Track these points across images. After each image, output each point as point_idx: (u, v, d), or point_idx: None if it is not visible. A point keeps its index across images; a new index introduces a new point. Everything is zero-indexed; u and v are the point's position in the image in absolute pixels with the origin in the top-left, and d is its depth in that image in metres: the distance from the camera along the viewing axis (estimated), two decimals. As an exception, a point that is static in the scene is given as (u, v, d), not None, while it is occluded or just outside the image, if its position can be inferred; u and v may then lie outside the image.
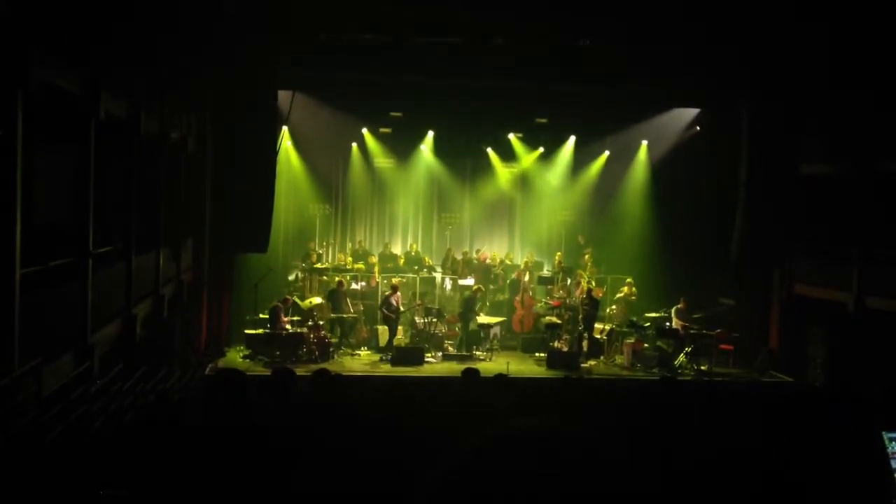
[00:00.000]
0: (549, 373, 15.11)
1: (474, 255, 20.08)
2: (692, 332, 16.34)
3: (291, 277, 18.99)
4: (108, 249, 10.41)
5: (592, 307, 16.66)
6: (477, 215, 21.73)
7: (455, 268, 19.38)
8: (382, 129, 20.31)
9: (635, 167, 21.06)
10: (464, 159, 21.31)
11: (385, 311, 16.42)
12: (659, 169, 20.45)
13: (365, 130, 20.39)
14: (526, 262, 19.50)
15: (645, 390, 12.19)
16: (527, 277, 18.62)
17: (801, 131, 16.91)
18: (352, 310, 16.91)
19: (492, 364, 15.40)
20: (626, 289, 18.49)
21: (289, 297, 16.69)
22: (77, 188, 9.39)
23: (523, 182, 21.69)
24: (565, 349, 16.52)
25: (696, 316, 16.85)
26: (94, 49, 9.20)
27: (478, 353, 16.70)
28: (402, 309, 16.78)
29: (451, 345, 17.00)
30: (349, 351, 16.63)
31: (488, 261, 19.93)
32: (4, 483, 5.42)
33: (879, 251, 14.79)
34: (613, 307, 18.82)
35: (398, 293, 16.84)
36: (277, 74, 16.17)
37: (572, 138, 20.91)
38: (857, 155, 15.38)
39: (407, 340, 16.69)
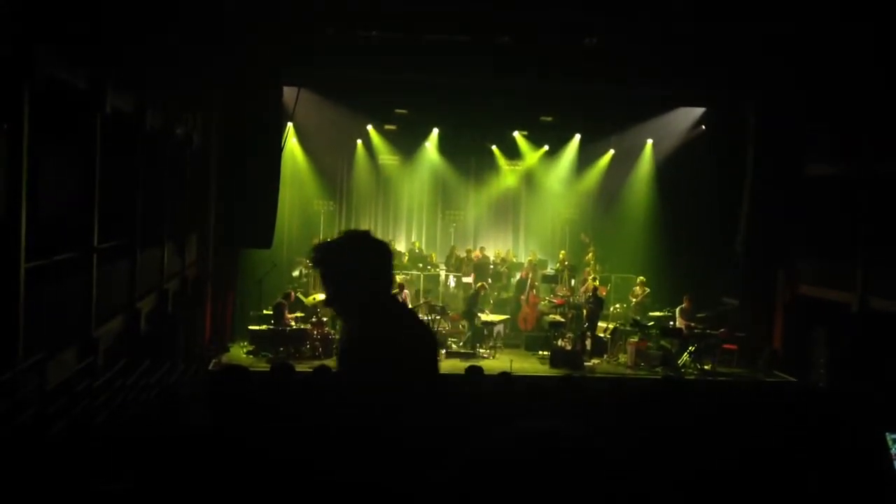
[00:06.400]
0: (552, 371, 15.10)
1: (475, 253, 20.09)
2: (696, 331, 16.32)
3: (296, 273, 19.01)
4: (112, 244, 10.41)
5: (597, 305, 16.66)
6: (481, 213, 21.75)
7: (459, 265, 19.39)
8: (387, 126, 20.35)
9: (640, 166, 21.04)
10: (468, 157, 21.32)
11: None
12: (663, 168, 20.42)
13: (370, 127, 20.42)
14: (530, 261, 19.49)
15: (648, 389, 12.18)
16: (531, 275, 18.61)
17: (807, 132, 16.85)
18: None
19: (495, 362, 15.40)
20: (638, 289, 18.44)
21: (292, 291, 16.71)
22: (82, 183, 9.40)
23: (528, 180, 21.70)
24: (569, 347, 16.50)
25: (699, 315, 16.83)
26: (100, 44, 9.20)
27: (481, 350, 16.70)
28: (409, 306, 16.78)
29: (454, 342, 17.00)
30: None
31: (492, 257, 19.94)
32: (7, 477, 5.44)
33: (884, 252, 14.75)
34: (617, 306, 18.82)
35: (405, 291, 16.83)
36: (283, 71, 16.17)
37: (577, 137, 20.94)
38: (863, 156, 15.33)
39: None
